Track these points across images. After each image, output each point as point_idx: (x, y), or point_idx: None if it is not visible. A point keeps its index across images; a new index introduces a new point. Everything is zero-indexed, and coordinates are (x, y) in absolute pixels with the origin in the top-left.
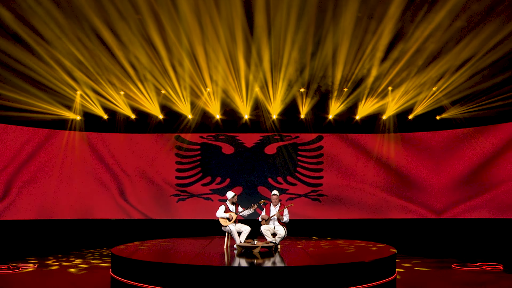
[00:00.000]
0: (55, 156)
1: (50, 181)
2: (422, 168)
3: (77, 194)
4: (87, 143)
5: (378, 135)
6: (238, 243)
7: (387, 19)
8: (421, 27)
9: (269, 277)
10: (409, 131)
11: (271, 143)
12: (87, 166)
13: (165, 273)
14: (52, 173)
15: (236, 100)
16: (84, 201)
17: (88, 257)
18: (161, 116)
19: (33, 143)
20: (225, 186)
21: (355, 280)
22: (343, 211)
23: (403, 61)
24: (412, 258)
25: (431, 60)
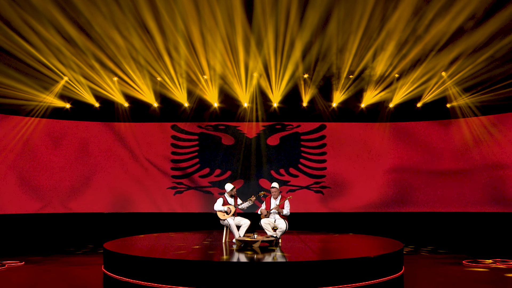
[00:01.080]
0: (44, 145)
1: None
2: (430, 160)
3: (66, 187)
4: (77, 132)
5: (385, 124)
6: (237, 237)
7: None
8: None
9: (269, 273)
10: (418, 119)
11: (273, 134)
12: (76, 157)
13: (160, 268)
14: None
15: (235, 88)
16: (75, 195)
17: (78, 254)
18: (156, 104)
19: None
20: (226, 179)
21: (359, 276)
22: (347, 203)
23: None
24: (420, 253)
25: (442, 45)
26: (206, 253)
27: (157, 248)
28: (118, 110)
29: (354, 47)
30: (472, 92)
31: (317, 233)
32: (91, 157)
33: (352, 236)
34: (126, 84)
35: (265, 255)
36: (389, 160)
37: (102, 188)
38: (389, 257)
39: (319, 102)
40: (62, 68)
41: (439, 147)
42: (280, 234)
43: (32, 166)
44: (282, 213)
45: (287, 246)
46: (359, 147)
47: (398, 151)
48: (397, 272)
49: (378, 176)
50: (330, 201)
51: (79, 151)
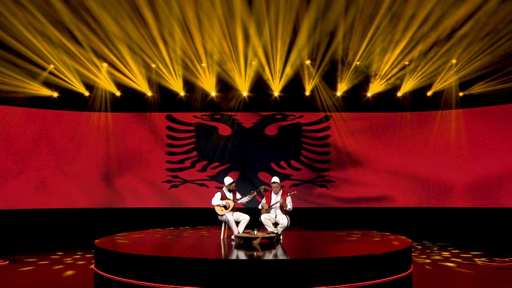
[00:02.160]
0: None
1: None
2: (442, 151)
3: (53, 180)
4: (61, 123)
5: (393, 114)
6: (236, 233)
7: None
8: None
9: (270, 271)
10: (428, 109)
11: (271, 123)
12: (63, 147)
13: (154, 267)
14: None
15: (234, 75)
16: (63, 188)
17: (68, 252)
18: (149, 93)
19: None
20: (222, 171)
21: (365, 275)
22: (352, 198)
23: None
24: (431, 250)
25: (455, 29)
26: (203, 251)
27: (151, 246)
28: (110, 99)
29: (359, 30)
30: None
31: (321, 230)
32: (80, 149)
33: (358, 232)
34: (117, 72)
35: (266, 252)
36: (398, 153)
37: (93, 183)
38: (397, 255)
39: (322, 92)
40: (49, 54)
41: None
42: (281, 230)
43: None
44: (285, 208)
45: (288, 243)
46: (367, 139)
47: (409, 143)
48: (405, 271)
49: (386, 169)
50: (334, 195)
51: (69, 143)
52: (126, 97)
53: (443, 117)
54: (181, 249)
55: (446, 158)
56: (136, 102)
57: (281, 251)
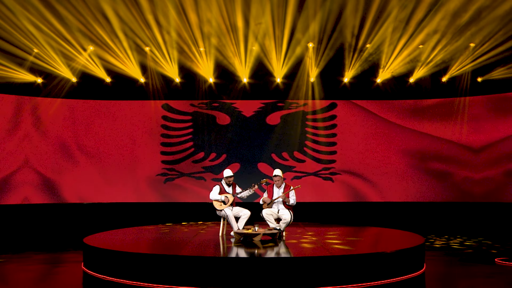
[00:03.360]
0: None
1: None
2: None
3: (39, 173)
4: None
5: (405, 102)
6: (235, 230)
7: None
8: None
9: (272, 270)
10: (444, 96)
11: (273, 112)
12: (49, 138)
13: (148, 266)
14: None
15: (233, 60)
16: (48, 183)
17: (54, 251)
18: (142, 79)
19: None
20: (220, 163)
21: (374, 274)
22: (360, 192)
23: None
24: (446, 248)
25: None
26: (201, 248)
27: (145, 243)
28: (99, 85)
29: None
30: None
31: (326, 226)
32: (68, 140)
33: (366, 229)
34: (107, 56)
35: (267, 250)
36: (410, 143)
37: (82, 175)
38: (409, 253)
39: (328, 78)
40: (33, 38)
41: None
42: (284, 226)
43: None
44: (288, 202)
45: (292, 240)
46: (376, 129)
47: (421, 133)
48: (417, 270)
49: (397, 161)
50: (340, 189)
51: (54, 131)
52: (117, 84)
53: (461, 104)
54: (177, 246)
55: (461, 152)
56: (127, 89)
57: (284, 248)
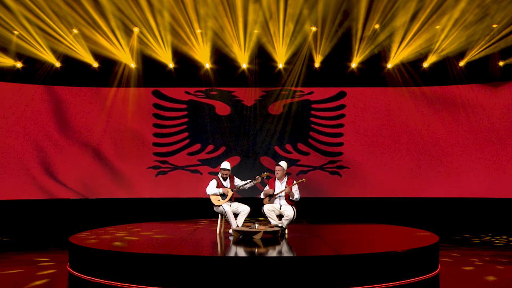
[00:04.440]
0: None
1: None
2: (475, 135)
3: (15, 167)
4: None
5: (418, 89)
6: (234, 227)
7: None
8: None
9: (273, 270)
10: (462, 82)
11: (276, 101)
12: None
13: (140, 266)
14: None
15: (232, 44)
16: (27, 177)
17: (37, 250)
18: (133, 64)
19: None
20: (219, 156)
21: (384, 275)
22: (369, 187)
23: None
24: (462, 247)
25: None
26: (196, 247)
27: (136, 241)
28: (85, 71)
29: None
30: None
31: (332, 223)
32: (49, 130)
33: (376, 226)
34: (93, 39)
35: (269, 248)
36: (423, 134)
37: (66, 170)
38: (422, 253)
39: (335, 64)
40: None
41: (487, 117)
42: (286, 224)
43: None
44: (292, 197)
45: (295, 238)
46: (386, 119)
47: (435, 123)
48: (431, 272)
49: (409, 153)
50: (348, 184)
51: (29, 122)
52: (104, 69)
53: (480, 91)
54: (170, 245)
55: (478, 142)
56: (116, 75)
57: (286, 247)
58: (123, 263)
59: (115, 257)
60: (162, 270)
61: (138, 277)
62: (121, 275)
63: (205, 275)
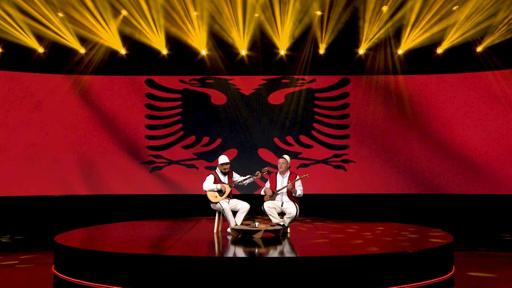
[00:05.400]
0: None
1: None
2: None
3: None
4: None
5: (431, 77)
6: (232, 225)
7: None
8: None
9: (275, 272)
10: (478, 69)
11: (276, 89)
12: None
13: (132, 267)
14: None
15: (230, 29)
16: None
17: (17, 251)
18: (123, 50)
19: None
20: (215, 149)
21: (393, 277)
22: (377, 182)
23: None
24: (479, 248)
25: None
26: (192, 247)
27: (127, 241)
28: (70, 58)
29: None
30: None
31: (337, 221)
32: (32, 121)
33: (384, 225)
34: (79, 23)
35: (270, 248)
36: (437, 126)
37: (50, 164)
38: (434, 253)
39: (340, 50)
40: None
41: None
42: (289, 222)
43: None
44: (294, 193)
45: (297, 237)
46: (396, 109)
47: (449, 113)
48: (444, 274)
49: (423, 147)
50: (355, 179)
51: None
52: (91, 56)
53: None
54: (164, 245)
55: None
56: (105, 62)
57: (289, 247)
58: (113, 264)
59: (104, 258)
60: (155, 272)
61: (129, 280)
62: (110, 277)
63: (201, 277)
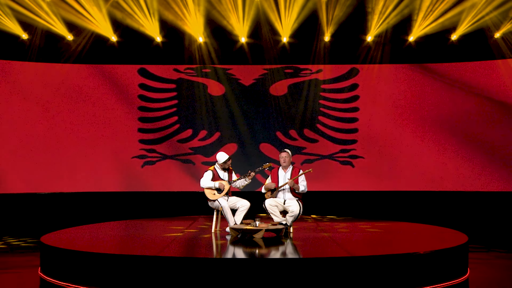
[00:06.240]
0: None
1: None
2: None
3: None
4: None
5: (445, 66)
6: (232, 224)
7: None
8: None
9: (277, 273)
10: (495, 57)
11: (279, 80)
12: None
13: (125, 269)
14: None
15: (229, 15)
16: None
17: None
18: (114, 37)
19: None
20: (212, 143)
21: (404, 280)
22: (386, 179)
23: None
24: (494, 249)
25: None
26: (189, 247)
27: (119, 241)
28: (59, 45)
29: None
30: None
31: (344, 220)
32: (11, 112)
33: (394, 224)
34: (67, 5)
35: (271, 249)
36: (452, 119)
37: (33, 159)
38: (447, 255)
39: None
40: None
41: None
42: (291, 221)
43: None
44: (297, 190)
45: (301, 237)
46: (408, 100)
47: (468, 104)
48: (459, 277)
49: (436, 141)
50: (363, 175)
51: None
52: (81, 43)
53: None
54: (159, 245)
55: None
56: (96, 50)
57: (291, 247)
58: (103, 266)
59: (94, 260)
60: (149, 275)
61: (121, 283)
62: (100, 281)
63: (198, 280)
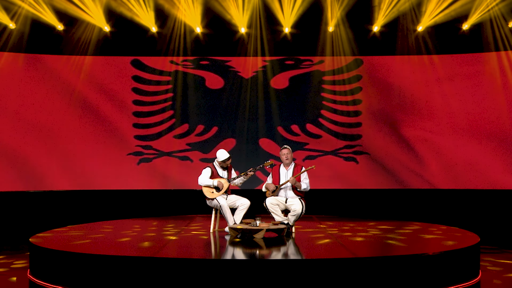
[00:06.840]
0: None
1: None
2: None
3: None
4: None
5: (455, 57)
6: (231, 224)
7: None
8: None
9: (278, 275)
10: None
11: (280, 72)
12: None
13: (119, 271)
14: None
15: (228, 4)
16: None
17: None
18: (107, 27)
19: None
20: (210, 138)
21: (412, 283)
22: (392, 176)
23: None
24: (507, 250)
25: None
26: (186, 248)
27: (113, 242)
28: (47, 35)
29: None
30: None
31: (349, 219)
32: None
33: (401, 223)
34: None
35: (272, 250)
36: (462, 113)
37: (22, 156)
38: (458, 256)
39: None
40: None
41: None
42: (293, 220)
43: None
44: (299, 188)
45: (303, 237)
46: (415, 93)
47: (478, 99)
48: (470, 280)
49: (445, 136)
50: (368, 172)
51: None
52: (72, 34)
53: None
54: (155, 246)
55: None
56: (87, 40)
57: (293, 248)
58: (97, 268)
59: (87, 261)
60: (145, 276)
61: (116, 285)
62: (93, 283)
63: (196, 282)
